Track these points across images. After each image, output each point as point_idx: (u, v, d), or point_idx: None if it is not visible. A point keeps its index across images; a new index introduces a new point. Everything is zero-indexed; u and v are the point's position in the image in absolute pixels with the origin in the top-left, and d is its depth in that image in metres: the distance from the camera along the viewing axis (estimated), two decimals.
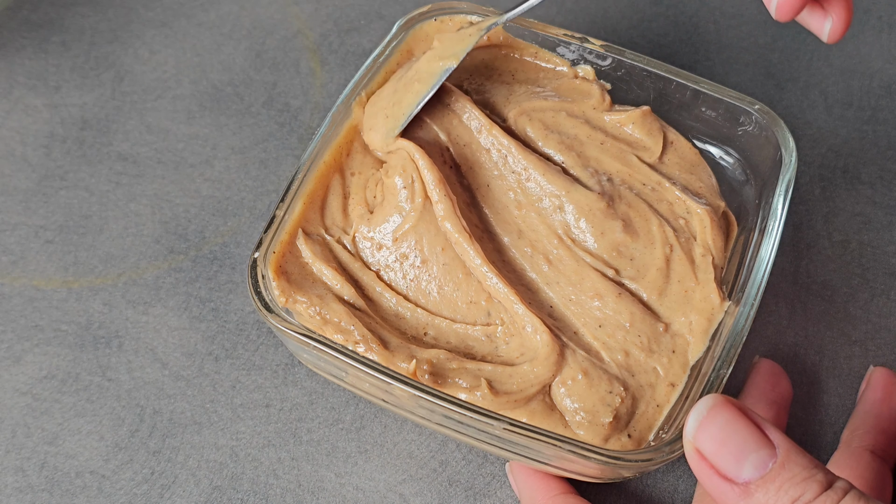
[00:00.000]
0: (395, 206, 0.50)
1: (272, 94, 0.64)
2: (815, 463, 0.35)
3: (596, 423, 0.46)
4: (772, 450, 0.35)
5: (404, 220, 0.50)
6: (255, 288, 0.47)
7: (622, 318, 0.48)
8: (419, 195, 0.49)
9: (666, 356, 0.48)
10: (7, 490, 0.51)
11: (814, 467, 0.35)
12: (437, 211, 0.49)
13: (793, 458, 0.35)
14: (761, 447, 0.35)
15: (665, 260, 0.50)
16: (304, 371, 0.54)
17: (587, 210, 0.50)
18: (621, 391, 0.47)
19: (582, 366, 0.47)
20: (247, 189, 0.60)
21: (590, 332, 0.48)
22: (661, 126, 0.55)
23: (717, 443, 0.35)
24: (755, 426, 0.36)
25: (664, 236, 0.50)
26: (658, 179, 0.52)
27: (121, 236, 0.58)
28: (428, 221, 0.49)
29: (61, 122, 0.62)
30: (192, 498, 0.51)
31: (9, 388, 0.53)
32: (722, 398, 0.36)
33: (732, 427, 0.36)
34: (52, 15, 0.67)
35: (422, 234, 0.49)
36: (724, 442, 0.35)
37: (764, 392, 0.52)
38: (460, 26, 0.56)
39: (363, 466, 0.52)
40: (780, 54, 0.66)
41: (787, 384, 0.53)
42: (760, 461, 0.35)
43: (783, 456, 0.35)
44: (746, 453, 0.35)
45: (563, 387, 0.47)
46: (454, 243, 0.49)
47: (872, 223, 0.60)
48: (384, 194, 0.51)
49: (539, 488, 0.48)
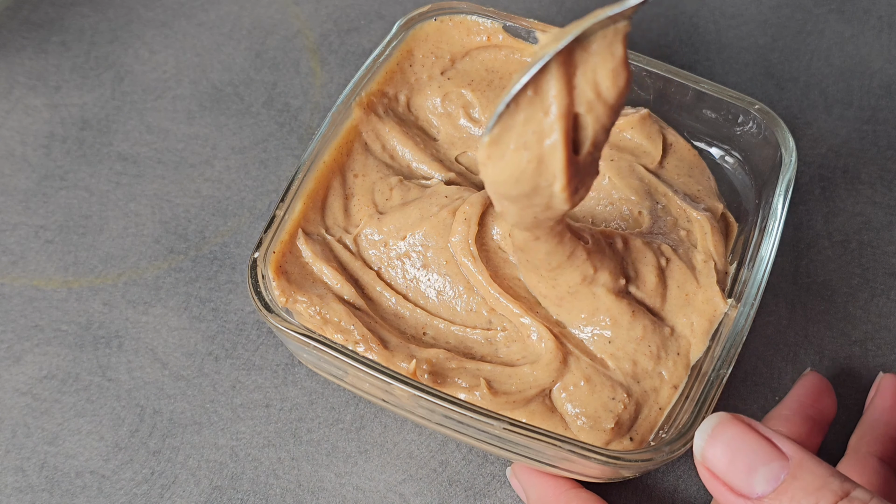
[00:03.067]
0: (418, 211, 0.50)
1: (272, 94, 0.64)
2: (831, 471, 0.34)
3: (598, 428, 0.46)
4: (784, 461, 0.34)
5: (419, 225, 0.49)
6: (255, 288, 0.47)
7: (635, 333, 0.48)
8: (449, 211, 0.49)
9: (672, 360, 0.48)
10: (7, 490, 0.51)
11: (829, 475, 0.34)
12: (454, 230, 0.49)
13: (805, 468, 0.34)
14: (772, 459, 0.34)
15: (659, 269, 0.50)
16: (304, 371, 0.54)
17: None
18: (624, 398, 0.46)
19: (585, 373, 0.47)
20: (247, 189, 0.60)
21: (599, 347, 0.48)
22: (660, 129, 0.55)
23: (726, 460, 0.35)
24: (764, 439, 0.35)
25: (656, 253, 0.50)
26: (664, 191, 0.52)
27: (121, 236, 0.58)
28: (439, 234, 0.49)
29: (61, 122, 0.62)
30: (192, 498, 0.51)
31: (9, 388, 0.53)
32: (728, 415, 0.36)
33: (740, 442, 0.35)
34: (52, 15, 0.67)
35: (429, 243, 0.49)
36: (733, 458, 0.35)
37: (803, 405, 0.50)
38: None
39: (363, 466, 0.52)
40: (780, 54, 0.66)
41: (832, 402, 0.51)
42: (772, 474, 0.34)
43: (795, 466, 0.34)
44: (756, 467, 0.34)
45: (564, 392, 0.46)
46: (459, 264, 0.49)
47: (872, 223, 0.60)
48: (405, 196, 0.51)
49: (548, 486, 0.48)
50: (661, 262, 0.49)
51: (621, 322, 0.47)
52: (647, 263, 0.49)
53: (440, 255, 0.49)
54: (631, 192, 0.52)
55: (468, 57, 0.57)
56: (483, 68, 0.57)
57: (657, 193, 0.52)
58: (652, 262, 0.49)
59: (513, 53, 0.57)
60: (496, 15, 0.56)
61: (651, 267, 0.49)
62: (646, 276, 0.49)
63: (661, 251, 0.50)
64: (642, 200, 0.52)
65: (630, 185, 0.52)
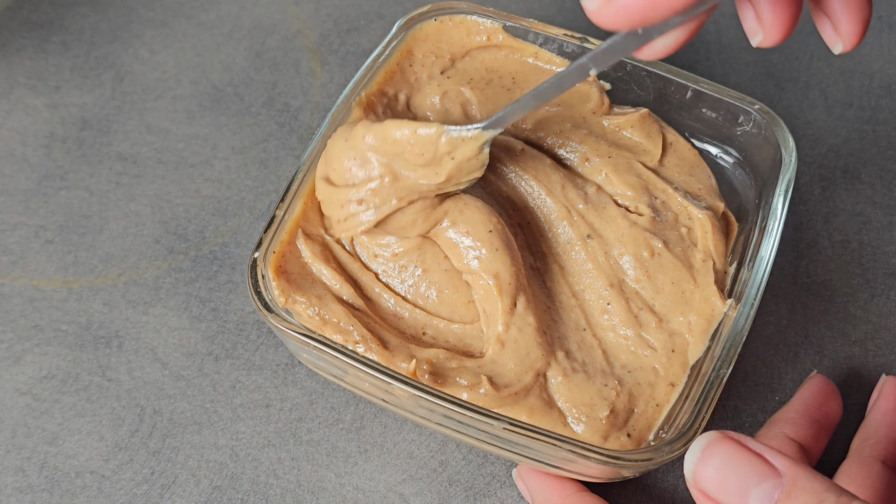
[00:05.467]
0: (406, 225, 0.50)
1: (272, 94, 0.64)
2: (827, 485, 0.33)
3: (593, 417, 0.46)
4: (777, 479, 0.33)
5: (408, 243, 0.50)
6: (255, 288, 0.47)
7: (631, 329, 0.49)
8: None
9: (665, 355, 0.48)
10: (7, 490, 0.51)
11: (824, 490, 0.33)
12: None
13: (800, 485, 0.33)
14: (765, 478, 0.33)
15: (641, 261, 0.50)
16: (304, 371, 0.54)
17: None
18: (616, 385, 0.47)
19: (572, 360, 0.47)
20: (247, 189, 0.60)
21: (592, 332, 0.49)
22: (660, 128, 0.55)
23: (717, 481, 0.34)
24: (756, 456, 0.34)
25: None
26: (663, 187, 0.52)
27: (121, 236, 0.58)
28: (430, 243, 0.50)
29: (61, 122, 0.62)
30: (192, 498, 0.51)
31: (9, 388, 0.53)
32: (717, 434, 0.35)
33: (732, 463, 0.34)
34: (52, 15, 0.67)
35: (426, 249, 0.50)
36: (725, 479, 0.34)
37: (809, 408, 0.50)
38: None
39: (363, 466, 0.52)
40: (780, 54, 0.66)
41: (837, 406, 0.51)
42: (765, 494, 0.33)
43: (789, 483, 0.33)
44: (749, 488, 0.33)
45: (558, 376, 0.47)
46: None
47: (872, 223, 0.60)
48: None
49: (553, 488, 0.48)
50: (644, 253, 0.50)
51: (629, 326, 0.49)
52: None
53: (438, 255, 0.49)
54: (627, 188, 0.52)
55: (468, 57, 0.57)
56: (483, 68, 0.57)
57: (656, 190, 0.52)
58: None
59: (513, 53, 0.57)
60: (496, 15, 0.56)
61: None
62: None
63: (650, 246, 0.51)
64: (639, 196, 0.52)
65: (626, 182, 0.52)
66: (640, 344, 0.48)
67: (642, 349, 0.48)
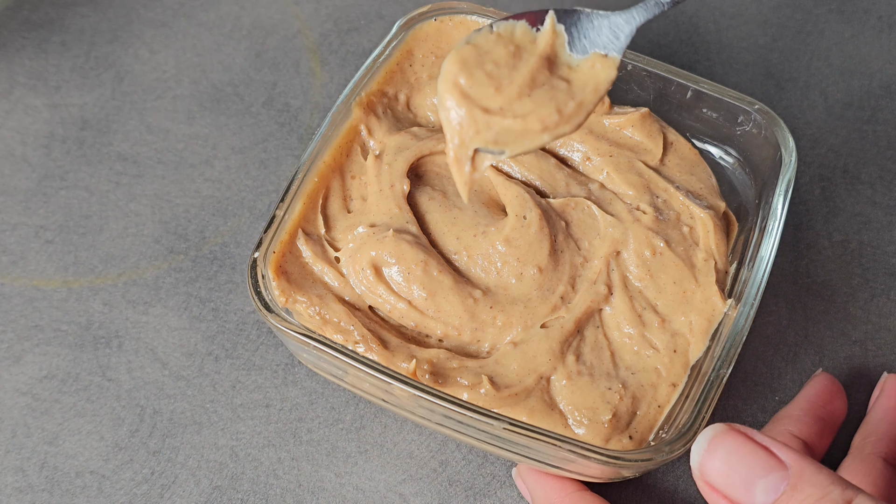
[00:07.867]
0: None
1: (272, 94, 0.64)
2: (832, 478, 0.33)
3: (596, 420, 0.46)
4: (783, 471, 0.34)
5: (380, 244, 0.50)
6: (255, 288, 0.47)
7: (633, 330, 0.49)
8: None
9: (667, 355, 0.48)
10: (7, 490, 0.51)
11: (829, 483, 0.33)
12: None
13: (805, 478, 0.33)
14: (771, 470, 0.34)
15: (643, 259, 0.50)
16: (304, 371, 0.54)
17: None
18: (620, 388, 0.47)
19: (581, 363, 0.47)
20: (247, 189, 0.60)
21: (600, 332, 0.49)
22: (660, 127, 0.55)
23: (724, 473, 0.34)
24: (762, 448, 0.34)
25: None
26: (664, 186, 0.52)
27: (121, 236, 0.58)
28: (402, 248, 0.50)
29: (61, 122, 0.62)
30: (192, 498, 0.51)
31: (9, 388, 0.53)
32: (724, 426, 0.35)
33: (738, 454, 0.34)
34: (52, 15, 0.67)
35: (428, 250, 0.50)
36: (731, 471, 0.34)
37: (814, 406, 0.50)
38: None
39: (363, 466, 0.52)
40: (780, 54, 0.66)
41: (842, 404, 0.51)
42: (771, 485, 0.33)
43: (795, 476, 0.33)
44: (755, 480, 0.34)
45: (563, 380, 0.47)
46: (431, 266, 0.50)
47: (872, 223, 0.60)
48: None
49: (553, 488, 0.48)
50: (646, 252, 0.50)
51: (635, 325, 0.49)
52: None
53: (439, 256, 0.50)
54: (628, 188, 0.52)
55: None
56: None
57: (657, 189, 0.52)
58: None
59: None
60: (496, 15, 0.56)
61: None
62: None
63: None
64: (641, 195, 0.52)
65: (627, 181, 0.52)
66: (643, 344, 0.48)
67: (645, 349, 0.48)
